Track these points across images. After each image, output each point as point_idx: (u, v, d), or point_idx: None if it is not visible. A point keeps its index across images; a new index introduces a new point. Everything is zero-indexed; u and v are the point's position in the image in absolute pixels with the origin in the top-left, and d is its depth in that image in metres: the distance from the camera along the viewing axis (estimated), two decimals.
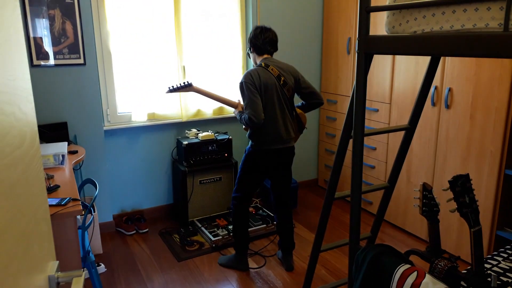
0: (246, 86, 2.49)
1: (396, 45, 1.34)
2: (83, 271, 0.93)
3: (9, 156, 0.69)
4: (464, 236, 2.80)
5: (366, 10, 1.44)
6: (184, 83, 2.86)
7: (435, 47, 1.19)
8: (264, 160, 2.63)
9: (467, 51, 1.11)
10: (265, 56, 2.64)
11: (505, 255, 1.95)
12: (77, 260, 1.96)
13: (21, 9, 2.73)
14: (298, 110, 2.80)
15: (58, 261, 0.97)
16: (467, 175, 1.37)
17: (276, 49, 2.67)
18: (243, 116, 2.54)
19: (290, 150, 2.67)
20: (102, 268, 2.81)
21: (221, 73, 3.69)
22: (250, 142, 2.66)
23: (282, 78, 2.56)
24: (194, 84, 2.89)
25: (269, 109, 2.54)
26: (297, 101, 3.29)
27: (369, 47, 1.45)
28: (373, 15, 3.23)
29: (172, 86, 2.89)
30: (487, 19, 1.09)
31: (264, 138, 2.57)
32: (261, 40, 2.59)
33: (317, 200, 4.03)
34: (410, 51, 1.30)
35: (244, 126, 2.67)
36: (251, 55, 2.71)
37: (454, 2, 1.16)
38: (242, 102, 2.61)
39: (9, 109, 0.72)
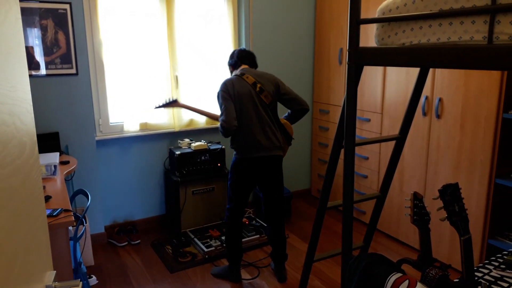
0: (221, 95, 2.55)
1: (385, 56, 1.36)
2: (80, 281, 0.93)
3: (9, 166, 0.70)
4: (456, 244, 2.81)
5: (356, 22, 1.47)
6: (169, 99, 3.03)
7: (422, 59, 1.22)
8: (248, 168, 2.63)
9: (453, 63, 1.13)
10: (242, 67, 2.70)
11: (496, 264, 1.97)
12: (68, 272, 1.94)
13: None
14: (283, 120, 2.77)
15: (55, 271, 0.96)
16: (457, 184, 1.38)
17: (254, 63, 2.75)
18: (219, 126, 2.57)
19: (274, 158, 2.64)
20: (93, 280, 2.77)
21: (214, 83, 3.70)
22: (234, 152, 2.69)
23: (258, 85, 2.58)
24: (180, 101, 3.10)
25: (244, 117, 2.55)
26: (284, 111, 3.29)
27: (360, 58, 1.47)
28: (365, 26, 3.28)
29: (158, 104, 3.05)
30: (472, 32, 1.12)
31: (243, 146, 2.59)
32: (235, 56, 2.72)
33: (310, 209, 4.03)
34: (399, 63, 1.33)
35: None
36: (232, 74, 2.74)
37: (440, 15, 1.19)
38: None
39: (9, 119, 0.73)
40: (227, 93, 2.53)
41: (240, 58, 2.71)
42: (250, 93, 2.55)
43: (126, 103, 3.35)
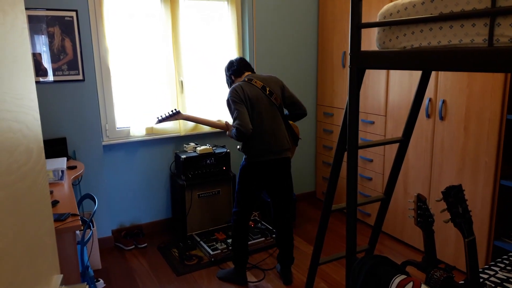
0: (232, 100, 2.53)
1: (386, 60, 1.38)
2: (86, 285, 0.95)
3: (16, 172, 0.71)
4: (461, 246, 2.80)
5: (357, 27, 1.48)
6: (172, 111, 2.97)
7: (423, 62, 1.23)
8: (258, 172, 2.64)
9: (454, 66, 1.15)
10: (246, 73, 2.72)
11: (503, 265, 1.96)
12: (76, 275, 1.96)
13: None
14: (290, 122, 2.80)
15: (62, 275, 0.98)
16: (460, 185, 1.39)
17: (253, 70, 2.78)
18: (233, 131, 2.53)
19: (284, 161, 2.66)
20: (101, 284, 2.80)
21: (218, 87, 3.73)
22: (244, 156, 2.69)
23: (268, 89, 2.61)
24: (182, 112, 3.01)
25: (256, 121, 2.56)
26: None
27: (361, 62, 1.49)
28: (368, 29, 3.29)
29: (161, 116, 2.99)
30: (472, 35, 1.13)
31: (255, 150, 2.59)
32: (237, 64, 2.73)
33: (315, 212, 4.03)
34: (400, 66, 1.34)
35: (238, 146, 2.71)
36: (233, 84, 2.75)
37: (441, 18, 1.20)
38: (231, 120, 2.64)
39: (16, 126, 0.74)
40: (238, 98, 2.53)
41: (243, 66, 2.74)
42: (261, 96, 2.58)
43: (132, 108, 3.39)
